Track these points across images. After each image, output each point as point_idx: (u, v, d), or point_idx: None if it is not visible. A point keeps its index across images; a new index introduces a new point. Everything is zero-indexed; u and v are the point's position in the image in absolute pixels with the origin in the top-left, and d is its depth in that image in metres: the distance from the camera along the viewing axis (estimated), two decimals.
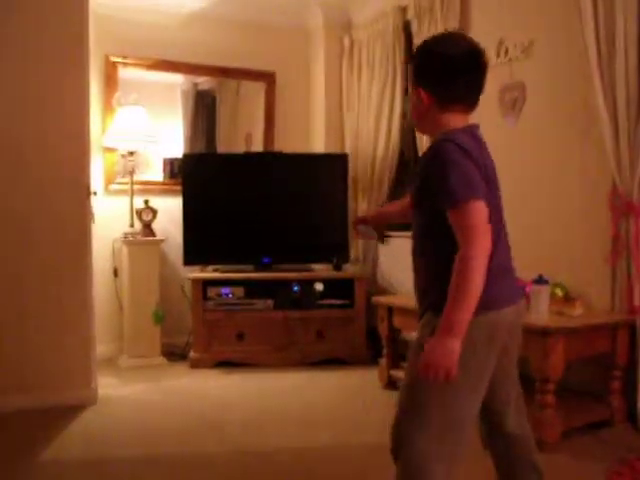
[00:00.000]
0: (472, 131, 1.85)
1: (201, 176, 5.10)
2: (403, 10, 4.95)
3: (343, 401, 3.97)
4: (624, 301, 3.33)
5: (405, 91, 4.99)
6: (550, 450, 2.96)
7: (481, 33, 4.28)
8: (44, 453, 3.06)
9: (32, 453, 3.05)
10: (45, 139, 3.69)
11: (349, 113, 5.57)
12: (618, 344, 3.24)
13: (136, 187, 5.03)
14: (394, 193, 5.32)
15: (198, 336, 4.80)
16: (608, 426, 3.26)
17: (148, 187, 5.23)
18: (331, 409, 3.78)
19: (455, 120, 1.83)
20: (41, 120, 3.68)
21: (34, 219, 3.68)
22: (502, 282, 1.79)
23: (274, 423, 3.53)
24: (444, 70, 1.80)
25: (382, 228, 4.93)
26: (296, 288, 4.88)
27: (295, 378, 4.49)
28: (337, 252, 5.09)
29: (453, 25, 4.35)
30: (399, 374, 4.08)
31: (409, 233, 1.98)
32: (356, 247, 5.42)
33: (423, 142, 4.65)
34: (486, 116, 4.23)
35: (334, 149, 5.62)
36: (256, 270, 5.00)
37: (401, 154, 5.19)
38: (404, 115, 5.02)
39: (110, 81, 5.12)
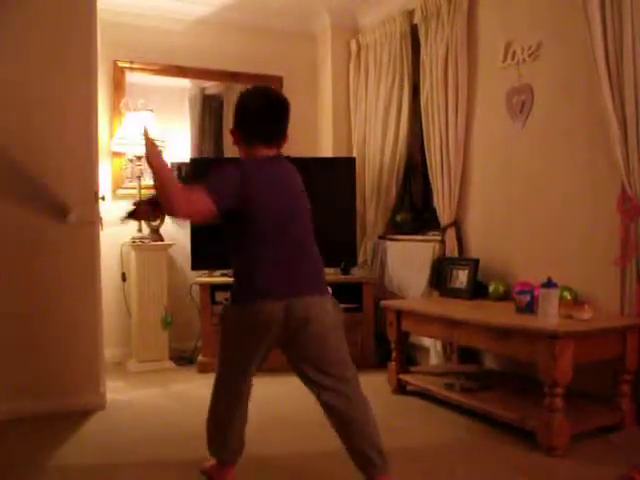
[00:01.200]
0: (265, 160, 2.52)
1: None
2: (410, 14, 4.95)
3: None
4: (633, 304, 3.32)
5: (412, 95, 4.99)
6: (559, 455, 2.95)
7: (488, 36, 4.29)
8: (53, 458, 3.06)
9: (41, 458, 3.06)
10: (53, 144, 3.71)
11: (356, 117, 5.57)
12: (628, 348, 3.22)
13: (144, 192, 5.04)
14: (402, 196, 5.31)
15: (206, 340, 4.80)
16: (618, 430, 3.24)
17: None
18: None
19: (257, 153, 2.52)
20: (49, 125, 3.70)
21: (42, 223, 3.69)
22: (260, 282, 2.40)
23: (282, 427, 3.52)
24: (244, 119, 2.54)
25: None
26: None
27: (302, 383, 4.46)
28: (345, 256, 5.08)
29: (461, 28, 4.35)
30: (408, 378, 4.07)
31: (416, 237, 2.06)
32: (364, 251, 5.42)
33: (431, 146, 4.65)
34: (493, 119, 4.25)
35: (341, 153, 5.62)
36: None
37: (409, 157, 5.19)
38: (412, 119, 5.02)
39: (118, 86, 5.15)
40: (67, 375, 3.76)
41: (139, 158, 4.98)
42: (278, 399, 4.10)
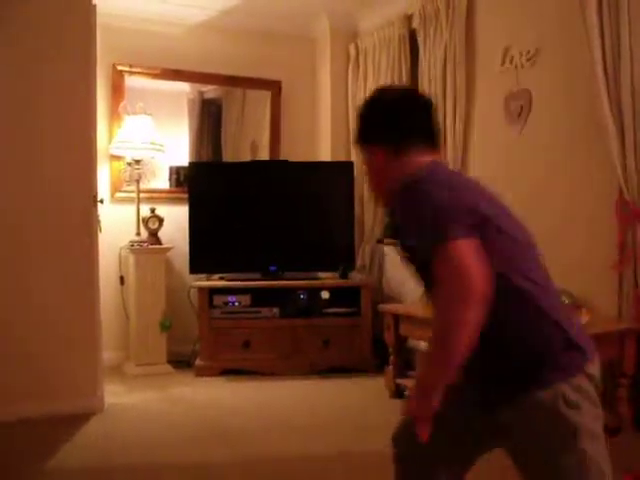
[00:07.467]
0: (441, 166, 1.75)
1: (207, 184, 5.11)
2: (409, 18, 4.96)
3: (349, 410, 3.96)
4: (631, 309, 3.32)
5: None
6: None
7: (486, 41, 4.30)
8: (51, 461, 3.06)
9: (39, 461, 3.05)
10: (52, 147, 3.71)
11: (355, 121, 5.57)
12: (625, 352, 3.23)
13: (142, 195, 5.05)
14: None
15: (204, 344, 4.80)
16: (616, 434, 3.23)
17: (154, 195, 5.24)
18: (337, 417, 3.77)
19: (415, 163, 1.68)
20: (48, 128, 3.70)
21: (41, 227, 3.70)
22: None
23: (280, 432, 3.52)
24: (387, 118, 1.78)
25: None
26: (302, 296, 4.88)
27: (301, 386, 4.48)
28: (343, 260, 5.09)
29: (459, 33, 4.36)
30: (405, 382, 4.07)
31: None
32: (362, 255, 5.42)
33: None
34: (491, 123, 4.26)
35: (340, 157, 5.62)
36: (262, 278, 5.00)
37: None
38: None
39: (117, 90, 5.15)
40: (65, 378, 3.75)
41: (137, 162, 4.99)
42: (278, 402, 4.10)
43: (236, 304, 4.85)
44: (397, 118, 1.76)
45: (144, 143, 4.91)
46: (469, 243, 1.44)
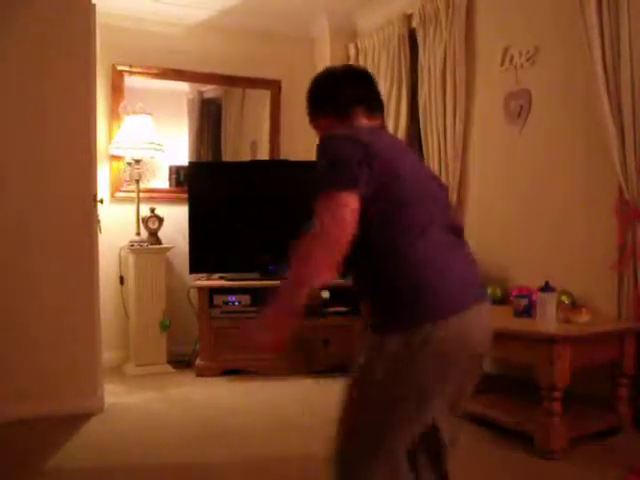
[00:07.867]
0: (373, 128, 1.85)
1: (207, 184, 5.11)
2: (408, 18, 4.96)
3: None
4: (631, 308, 3.32)
5: (411, 99, 4.99)
6: (557, 458, 2.95)
7: (486, 40, 4.30)
8: (50, 462, 3.06)
9: (38, 462, 3.05)
10: (52, 147, 3.71)
11: None
12: (625, 351, 3.22)
13: (142, 195, 5.05)
14: None
15: (204, 344, 4.80)
16: (616, 434, 3.24)
17: (154, 195, 5.24)
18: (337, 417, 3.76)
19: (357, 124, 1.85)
20: (48, 128, 3.70)
21: (41, 226, 3.69)
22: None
23: (280, 431, 3.52)
24: (327, 90, 1.96)
25: None
26: None
27: (301, 386, 4.48)
28: (343, 259, 5.08)
29: (459, 32, 4.36)
30: None
31: None
32: None
33: (429, 150, 4.66)
34: (491, 123, 4.26)
35: None
36: (262, 278, 4.99)
37: None
38: (410, 123, 5.02)
39: (117, 90, 5.15)
40: (65, 378, 3.75)
41: (137, 162, 4.98)
42: (278, 402, 4.10)
43: (236, 304, 4.85)
44: (335, 90, 1.92)
45: (144, 143, 4.91)
46: (353, 197, 1.57)
